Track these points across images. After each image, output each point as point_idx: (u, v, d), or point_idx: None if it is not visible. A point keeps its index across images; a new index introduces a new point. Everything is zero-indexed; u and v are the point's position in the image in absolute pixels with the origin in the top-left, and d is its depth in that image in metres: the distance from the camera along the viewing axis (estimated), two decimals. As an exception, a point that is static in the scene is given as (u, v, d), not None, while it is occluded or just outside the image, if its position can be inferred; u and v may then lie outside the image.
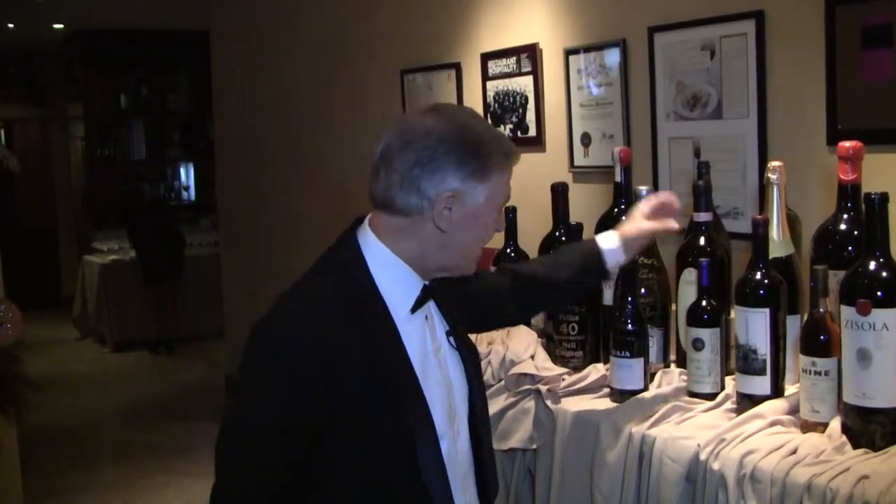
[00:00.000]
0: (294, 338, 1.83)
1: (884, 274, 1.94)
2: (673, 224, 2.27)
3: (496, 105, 4.22)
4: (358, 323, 1.85)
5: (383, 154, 1.89)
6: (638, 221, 2.29)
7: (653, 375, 2.50)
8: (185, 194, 12.92)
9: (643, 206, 2.30)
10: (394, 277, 1.92)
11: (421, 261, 1.93)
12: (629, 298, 2.43)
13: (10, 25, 10.75)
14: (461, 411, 2.01)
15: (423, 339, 1.95)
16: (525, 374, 2.56)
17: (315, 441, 1.84)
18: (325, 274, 1.93)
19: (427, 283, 1.96)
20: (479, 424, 2.05)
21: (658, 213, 2.28)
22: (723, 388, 2.34)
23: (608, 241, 2.27)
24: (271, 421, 1.83)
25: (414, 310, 1.93)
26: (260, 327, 1.88)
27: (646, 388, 2.41)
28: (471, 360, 2.06)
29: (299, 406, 1.82)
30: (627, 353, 2.40)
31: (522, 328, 2.83)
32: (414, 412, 1.87)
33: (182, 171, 12.97)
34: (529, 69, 4.03)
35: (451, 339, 2.03)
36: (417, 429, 1.87)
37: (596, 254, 2.26)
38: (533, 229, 3.07)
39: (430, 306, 2.00)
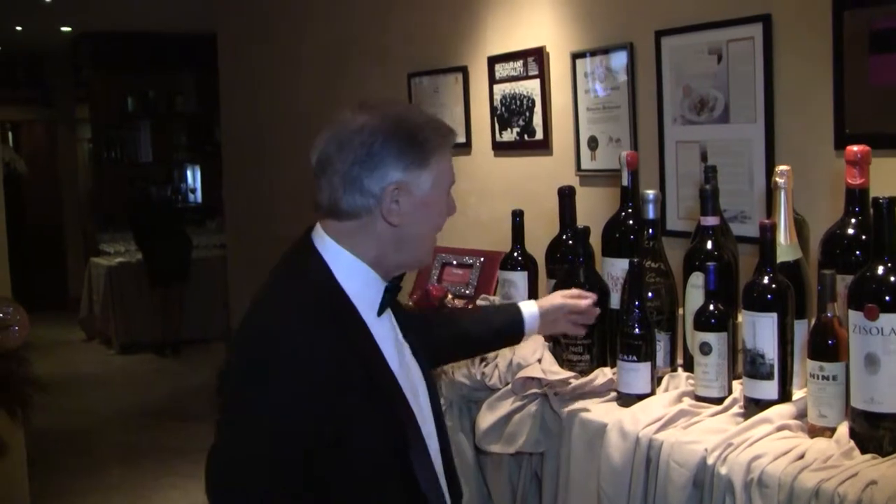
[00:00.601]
0: (288, 353, 1.79)
1: (892, 278, 1.93)
2: (585, 302, 2.47)
3: (503, 108, 4.22)
4: (337, 328, 1.84)
5: (320, 160, 1.89)
6: (553, 297, 2.49)
7: (660, 379, 2.49)
8: (191, 196, 12.95)
9: (563, 291, 2.51)
10: (360, 281, 1.91)
11: (380, 261, 1.93)
12: (636, 302, 2.42)
13: (19, 28, 10.78)
14: (428, 408, 2.04)
15: (395, 341, 1.99)
16: (532, 378, 2.55)
17: (319, 452, 1.82)
18: (290, 284, 1.91)
19: (388, 283, 1.97)
20: (440, 418, 2.08)
21: (575, 297, 2.47)
22: (730, 392, 2.33)
23: (529, 307, 2.44)
24: (285, 435, 1.79)
25: (380, 312, 1.95)
26: (248, 349, 1.87)
27: (653, 393, 2.41)
28: (427, 361, 2.11)
29: (308, 416, 1.79)
30: (634, 357, 2.40)
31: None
32: (401, 412, 1.89)
33: (189, 173, 13.00)
34: (536, 72, 4.02)
35: (409, 340, 2.06)
36: (406, 427, 1.88)
37: (517, 316, 2.43)
38: (540, 233, 3.07)
39: (390, 312, 2.01)
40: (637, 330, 2.40)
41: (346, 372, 1.81)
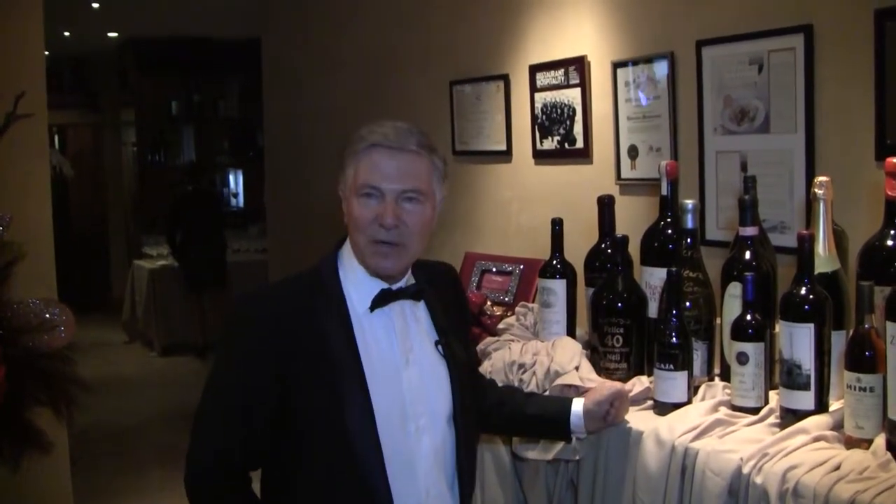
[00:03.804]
0: (254, 314, 2.13)
1: (930, 291, 1.93)
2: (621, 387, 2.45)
3: (544, 117, 4.24)
4: (313, 310, 2.10)
5: None
6: (599, 389, 2.45)
7: (696, 388, 2.50)
8: (233, 201, 13.05)
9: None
10: (356, 278, 2.18)
11: (359, 258, 2.17)
12: (674, 311, 2.43)
13: (67, 33, 10.92)
14: (439, 410, 2.21)
15: (387, 336, 2.17)
16: (569, 386, 2.57)
17: (274, 412, 2.07)
18: (305, 273, 2.22)
19: (386, 286, 2.17)
20: (461, 426, 2.23)
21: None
22: (766, 402, 2.34)
23: (577, 405, 2.43)
24: (230, 382, 2.12)
25: (372, 308, 2.16)
26: (234, 302, 2.27)
27: (689, 401, 2.42)
28: (457, 368, 2.26)
29: (253, 369, 2.08)
30: (671, 366, 2.41)
31: (568, 339, 2.84)
32: (348, 387, 2.07)
33: (231, 177, 13.11)
34: (577, 81, 4.04)
35: (439, 347, 2.24)
36: (349, 401, 2.07)
37: (565, 412, 2.43)
38: (579, 241, 3.08)
39: (408, 313, 2.21)
40: (674, 339, 2.41)
41: (298, 343, 2.07)
